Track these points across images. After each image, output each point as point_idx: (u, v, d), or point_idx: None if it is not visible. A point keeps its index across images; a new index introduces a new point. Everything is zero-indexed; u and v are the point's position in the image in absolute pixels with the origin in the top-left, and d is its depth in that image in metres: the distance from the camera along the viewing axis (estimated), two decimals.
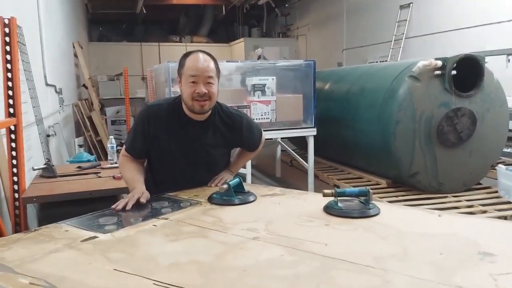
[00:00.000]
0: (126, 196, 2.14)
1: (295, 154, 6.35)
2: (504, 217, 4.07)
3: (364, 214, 1.79)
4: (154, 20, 15.44)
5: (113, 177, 3.28)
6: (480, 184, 5.07)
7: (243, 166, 2.97)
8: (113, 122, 10.09)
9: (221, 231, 1.67)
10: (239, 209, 1.98)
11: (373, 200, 1.87)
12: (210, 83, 2.20)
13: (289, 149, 6.71)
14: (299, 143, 7.07)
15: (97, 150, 7.73)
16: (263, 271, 1.33)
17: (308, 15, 13.05)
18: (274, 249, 1.48)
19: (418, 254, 1.42)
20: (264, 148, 2.71)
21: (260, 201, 2.10)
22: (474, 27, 7.00)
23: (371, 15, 9.79)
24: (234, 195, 2.06)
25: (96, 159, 4.81)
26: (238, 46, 13.96)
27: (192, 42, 14.56)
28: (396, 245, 1.50)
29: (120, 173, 2.49)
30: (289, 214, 1.86)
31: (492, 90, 4.74)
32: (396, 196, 4.76)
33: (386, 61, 8.56)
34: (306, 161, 5.71)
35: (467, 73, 4.58)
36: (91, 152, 7.11)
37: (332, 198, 1.88)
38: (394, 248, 1.47)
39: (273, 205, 2.06)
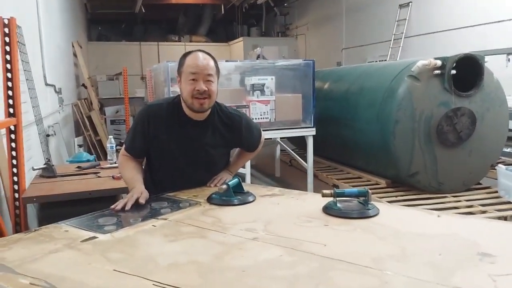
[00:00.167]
0: (125, 196, 2.15)
1: (295, 154, 6.35)
2: (504, 217, 4.07)
3: (363, 215, 1.79)
4: (153, 20, 15.44)
5: (112, 177, 3.28)
6: (480, 184, 5.06)
7: (243, 166, 2.98)
8: (112, 122, 10.08)
9: (220, 231, 1.68)
10: (238, 209, 1.99)
11: (372, 200, 1.88)
12: (210, 81, 2.20)
13: (288, 149, 6.71)
14: (299, 142, 7.07)
15: (96, 149, 7.74)
16: (262, 272, 1.33)
17: (307, 14, 13.05)
18: (273, 249, 1.49)
19: (417, 254, 1.43)
20: (264, 148, 2.71)
21: (259, 201, 2.11)
22: (473, 26, 7.00)
23: (370, 14, 9.80)
24: (233, 195, 2.06)
25: (95, 159, 4.81)
26: (237, 46, 13.95)
27: (191, 41, 14.55)
28: (394, 245, 1.50)
29: (120, 172, 2.50)
30: (288, 215, 1.87)
31: (492, 89, 4.74)
32: (396, 196, 4.76)
33: (386, 60, 8.56)
34: (306, 160, 5.71)
35: (466, 72, 4.57)
36: (90, 152, 7.11)
37: (331, 199, 1.88)
38: (393, 249, 1.47)
39: (272, 205, 2.06)
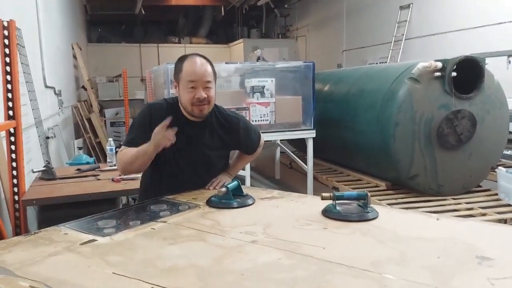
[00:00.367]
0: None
1: (294, 156, 6.35)
2: (504, 220, 4.08)
3: (362, 218, 1.79)
4: (153, 21, 15.49)
5: (112, 179, 3.28)
6: (480, 186, 5.07)
7: (242, 168, 2.97)
8: (112, 124, 10.05)
9: (219, 234, 1.68)
10: (238, 212, 1.99)
11: (371, 203, 1.88)
12: (209, 88, 2.21)
13: (288, 151, 6.71)
14: (299, 145, 7.07)
15: (96, 151, 7.74)
16: (261, 275, 1.33)
17: (307, 16, 13.06)
18: (272, 252, 1.49)
19: (416, 258, 1.42)
20: (263, 150, 2.71)
21: (259, 204, 2.10)
22: (474, 28, 7.01)
23: (371, 16, 9.80)
24: (233, 198, 2.06)
25: (95, 161, 4.81)
26: (237, 47, 13.96)
27: (191, 43, 14.57)
28: (393, 249, 1.50)
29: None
30: (287, 217, 1.86)
31: (493, 92, 4.74)
32: (396, 199, 4.76)
33: (386, 62, 8.57)
34: (305, 163, 5.71)
35: (467, 74, 4.58)
36: (90, 154, 7.12)
37: (330, 202, 1.88)
38: (392, 252, 1.47)
39: (271, 208, 2.06)
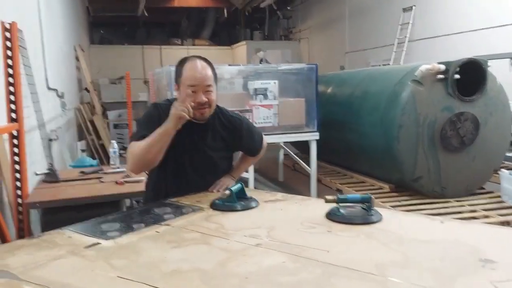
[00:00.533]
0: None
1: (298, 158, 6.35)
2: (507, 222, 4.05)
3: (366, 221, 1.79)
4: (156, 23, 15.50)
5: (115, 182, 3.29)
6: (483, 188, 5.05)
7: (246, 170, 2.97)
8: (115, 126, 10.07)
9: (223, 237, 1.68)
10: (242, 215, 1.99)
11: (375, 205, 1.87)
12: (209, 91, 2.22)
13: (291, 153, 6.71)
14: (302, 147, 7.06)
15: (99, 154, 7.75)
16: (265, 278, 1.33)
17: (310, 18, 13.05)
18: (276, 256, 1.49)
19: (419, 261, 1.42)
20: (267, 152, 2.71)
21: (263, 207, 2.10)
22: (477, 30, 6.99)
23: (374, 18, 9.79)
24: (237, 201, 2.06)
25: (98, 163, 4.82)
26: (240, 49, 13.96)
27: (194, 45, 14.57)
28: (397, 251, 1.50)
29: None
30: (291, 221, 1.86)
31: (495, 94, 4.73)
32: (399, 201, 4.74)
33: (389, 64, 8.55)
34: (309, 165, 5.70)
35: (470, 77, 4.57)
36: (93, 156, 7.14)
37: (334, 204, 1.88)
38: (396, 255, 1.47)
39: (275, 211, 2.06)
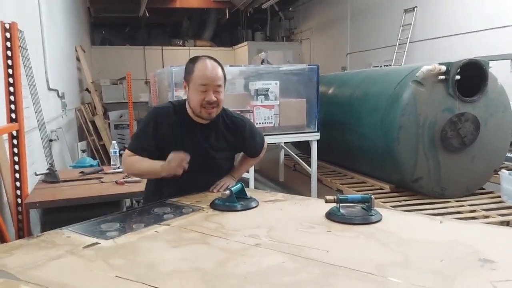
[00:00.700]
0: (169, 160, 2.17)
1: (299, 159, 6.34)
2: (507, 222, 4.06)
3: (366, 221, 1.79)
4: (157, 24, 15.49)
5: (115, 182, 3.29)
6: (483, 189, 5.05)
7: (246, 171, 2.98)
8: (116, 127, 10.08)
9: (223, 237, 1.67)
10: (241, 215, 1.99)
11: (375, 206, 1.87)
12: (219, 91, 2.24)
13: (292, 153, 6.70)
14: (303, 147, 7.06)
15: (100, 154, 7.75)
16: (265, 278, 1.33)
17: (312, 18, 13.05)
18: (275, 256, 1.49)
19: (419, 261, 1.42)
20: (267, 152, 2.71)
21: (262, 207, 2.10)
22: (478, 31, 6.98)
23: (375, 19, 9.79)
24: (236, 201, 2.06)
25: (99, 164, 4.82)
26: (242, 50, 13.96)
27: (195, 46, 14.54)
28: (397, 252, 1.50)
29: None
30: (291, 220, 1.86)
31: (496, 95, 4.72)
32: (399, 201, 4.74)
33: (390, 65, 8.55)
34: (310, 165, 5.70)
35: (471, 78, 4.57)
36: (94, 157, 7.13)
37: (334, 205, 1.88)
38: (395, 255, 1.47)
39: (275, 211, 2.06)
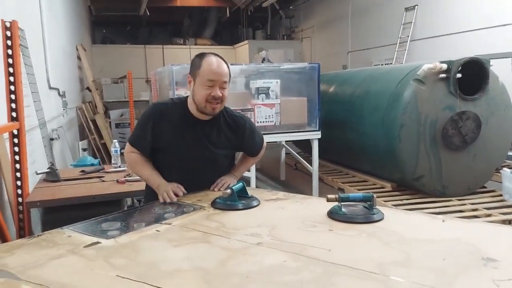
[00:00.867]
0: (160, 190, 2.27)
1: (300, 157, 6.34)
2: (509, 220, 4.06)
3: (368, 220, 1.78)
4: (158, 23, 15.48)
5: (116, 181, 3.28)
6: (485, 187, 5.05)
7: (247, 170, 2.99)
8: (117, 125, 10.08)
9: (224, 236, 1.67)
10: (243, 214, 1.98)
11: (377, 204, 1.86)
12: (224, 88, 2.25)
13: (293, 152, 6.70)
14: (304, 146, 7.06)
15: (101, 153, 7.75)
16: (266, 277, 1.32)
17: (313, 17, 13.03)
18: (277, 254, 1.48)
19: (421, 260, 1.42)
20: (269, 151, 2.72)
21: (264, 205, 2.10)
22: (479, 30, 6.96)
23: (376, 17, 9.77)
24: (238, 200, 2.06)
25: (100, 163, 4.82)
26: (242, 49, 13.94)
27: (196, 44, 14.52)
28: (399, 250, 1.49)
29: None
30: (292, 219, 1.86)
31: (497, 93, 4.72)
32: (401, 200, 4.75)
33: (391, 63, 8.53)
34: (311, 164, 5.69)
35: (472, 76, 4.56)
36: (95, 155, 7.13)
37: (336, 203, 1.87)
38: (397, 254, 1.46)
39: (276, 210, 2.05)
